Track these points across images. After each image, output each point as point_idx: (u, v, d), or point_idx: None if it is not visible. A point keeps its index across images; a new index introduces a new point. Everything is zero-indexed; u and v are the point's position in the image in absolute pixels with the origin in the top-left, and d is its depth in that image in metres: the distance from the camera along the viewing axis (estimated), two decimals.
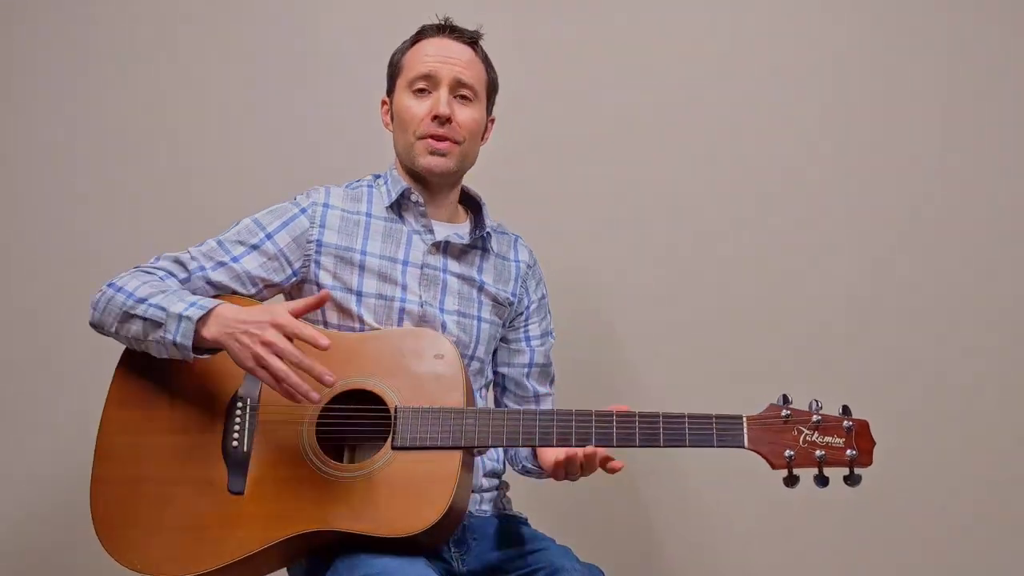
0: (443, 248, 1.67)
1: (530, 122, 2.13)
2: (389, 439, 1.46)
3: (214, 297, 1.52)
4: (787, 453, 1.41)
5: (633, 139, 2.17)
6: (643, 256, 2.15)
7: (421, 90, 1.65)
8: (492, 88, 1.74)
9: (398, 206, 1.67)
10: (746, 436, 1.42)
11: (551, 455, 1.53)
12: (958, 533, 2.05)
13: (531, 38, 2.18)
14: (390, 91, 1.73)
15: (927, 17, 2.13)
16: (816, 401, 1.46)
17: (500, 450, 1.69)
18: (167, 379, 1.51)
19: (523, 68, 2.04)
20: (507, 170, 2.01)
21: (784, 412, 1.44)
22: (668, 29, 2.19)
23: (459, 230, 1.71)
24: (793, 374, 2.04)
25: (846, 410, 1.45)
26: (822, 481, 1.42)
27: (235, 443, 1.46)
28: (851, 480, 1.42)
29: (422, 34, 1.70)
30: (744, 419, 1.43)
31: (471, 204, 1.77)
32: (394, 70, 1.72)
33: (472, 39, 1.71)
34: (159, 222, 2.15)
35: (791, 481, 1.42)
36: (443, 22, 1.71)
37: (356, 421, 1.49)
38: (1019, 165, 2.11)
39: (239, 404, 1.48)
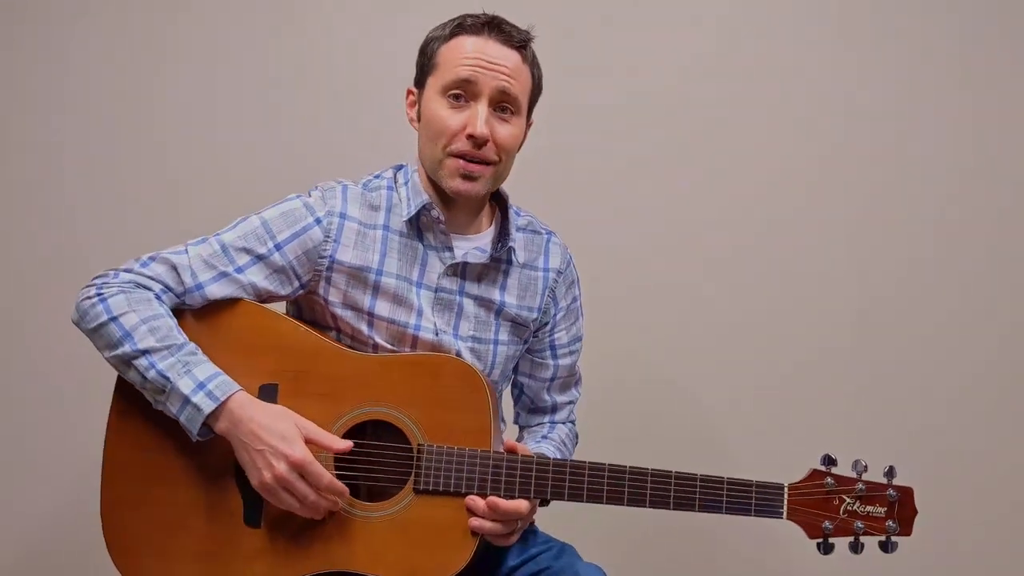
0: (461, 270, 1.51)
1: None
2: (411, 479, 1.40)
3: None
4: (825, 525, 1.37)
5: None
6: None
7: (457, 96, 1.43)
8: (537, 92, 1.53)
9: (417, 219, 1.50)
10: (786, 508, 1.37)
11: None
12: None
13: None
14: (419, 83, 1.50)
15: (927, 17, 2.09)
16: (861, 462, 1.39)
17: None
18: None
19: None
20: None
21: (828, 480, 1.37)
22: (667, 27, 2.10)
23: (482, 242, 1.54)
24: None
25: (891, 473, 1.39)
26: (856, 548, 1.38)
27: None
28: (887, 548, 1.38)
29: (462, 28, 1.45)
30: (785, 489, 1.37)
31: (498, 201, 1.58)
32: (426, 61, 1.48)
33: (522, 43, 1.46)
34: (158, 222, 2.06)
35: (826, 549, 1.38)
36: (489, 16, 1.45)
37: (377, 459, 1.42)
38: None
39: None
